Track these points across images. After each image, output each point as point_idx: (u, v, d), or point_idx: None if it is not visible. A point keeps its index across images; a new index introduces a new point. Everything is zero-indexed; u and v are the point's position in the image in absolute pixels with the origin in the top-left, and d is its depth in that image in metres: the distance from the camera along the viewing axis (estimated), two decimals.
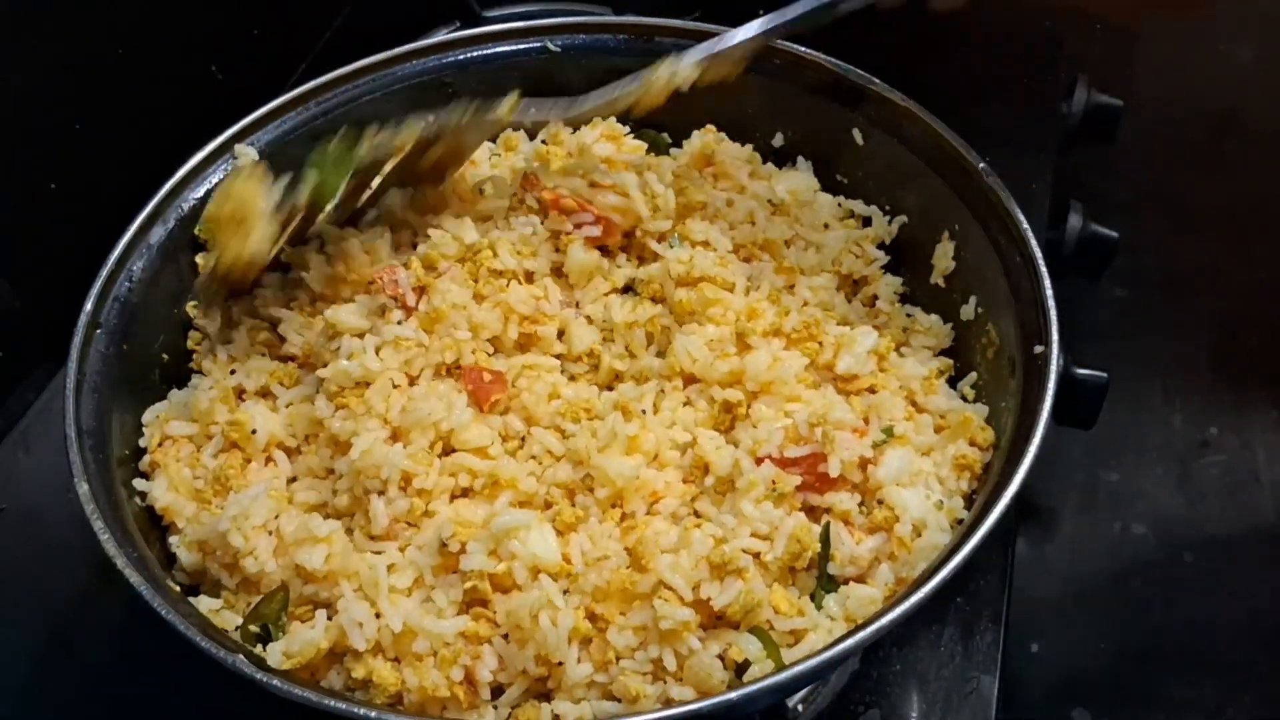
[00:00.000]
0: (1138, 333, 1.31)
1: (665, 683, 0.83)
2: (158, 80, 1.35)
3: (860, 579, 0.89)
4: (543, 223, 1.04)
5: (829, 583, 0.89)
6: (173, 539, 0.94)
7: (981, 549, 0.82)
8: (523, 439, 0.95)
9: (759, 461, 0.90)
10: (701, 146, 1.12)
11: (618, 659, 0.83)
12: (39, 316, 1.04)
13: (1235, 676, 1.06)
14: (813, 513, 0.90)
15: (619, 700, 0.83)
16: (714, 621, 0.86)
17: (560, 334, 1.01)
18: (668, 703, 0.82)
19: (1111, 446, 1.19)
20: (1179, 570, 1.13)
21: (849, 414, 0.93)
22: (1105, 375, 1.02)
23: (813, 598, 0.88)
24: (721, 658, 0.83)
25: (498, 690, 0.86)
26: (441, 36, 1.21)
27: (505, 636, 0.85)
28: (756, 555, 0.87)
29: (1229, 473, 1.19)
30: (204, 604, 0.89)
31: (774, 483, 0.89)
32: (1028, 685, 1.04)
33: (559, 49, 1.17)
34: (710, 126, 1.16)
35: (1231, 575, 1.12)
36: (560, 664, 0.83)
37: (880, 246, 1.09)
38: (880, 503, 0.90)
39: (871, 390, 0.98)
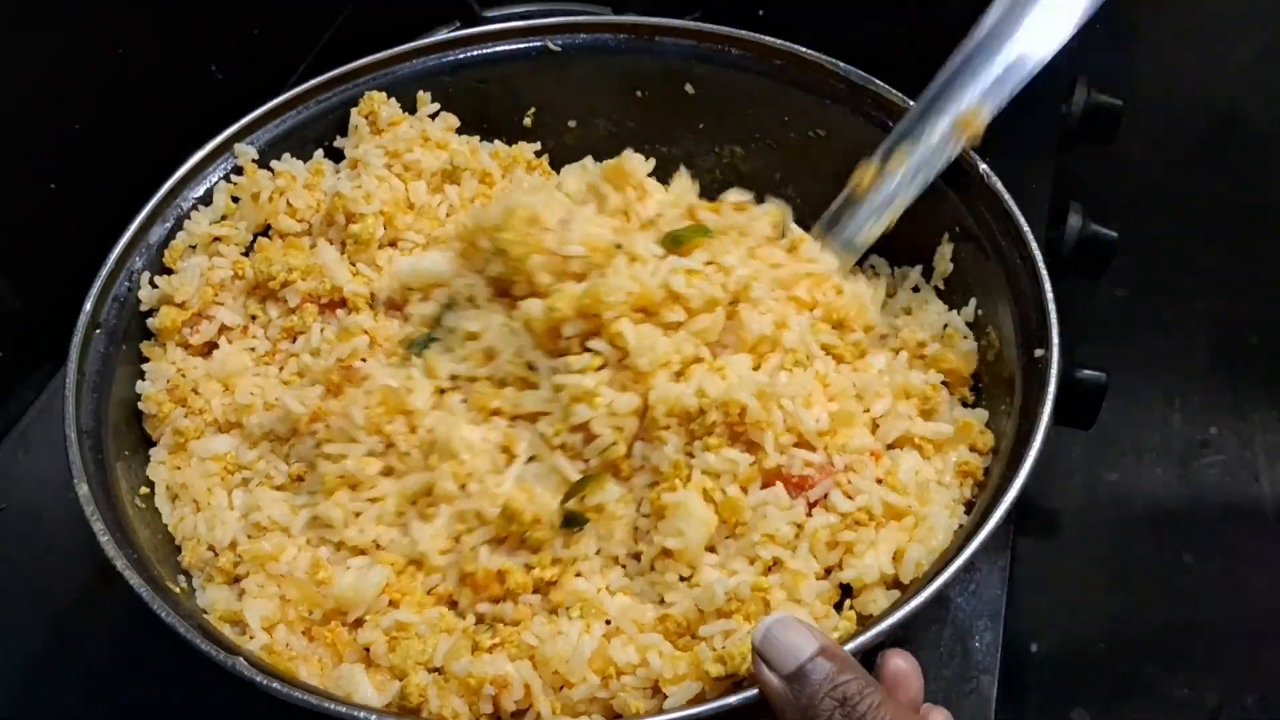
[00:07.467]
0: (1138, 333, 1.31)
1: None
2: (158, 80, 1.34)
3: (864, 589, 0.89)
4: None
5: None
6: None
7: (981, 550, 0.82)
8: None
9: (771, 482, 0.90)
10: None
11: (619, 674, 0.83)
12: (39, 316, 1.04)
13: (1235, 676, 1.06)
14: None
15: (620, 716, 0.82)
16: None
17: None
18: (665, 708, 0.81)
19: (1111, 446, 1.19)
20: (1179, 570, 1.13)
21: (868, 439, 0.92)
22: (1105, 375, 1.01)
23: (837, 608, 0.88)
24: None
25: None
26: (441, 36, 1.21)
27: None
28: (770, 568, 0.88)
29: (1229, 473, 1.19)
30: (205, 598, 0.90)
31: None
32: (1028, 685, 1.04)
33: (559, 49, 1.17)
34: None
35: (1231, 575, 1.12)
36: (563, 688, 0.84)
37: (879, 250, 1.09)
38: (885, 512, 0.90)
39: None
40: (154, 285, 1.04)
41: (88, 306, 0.99)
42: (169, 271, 1.06)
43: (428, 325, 1.01)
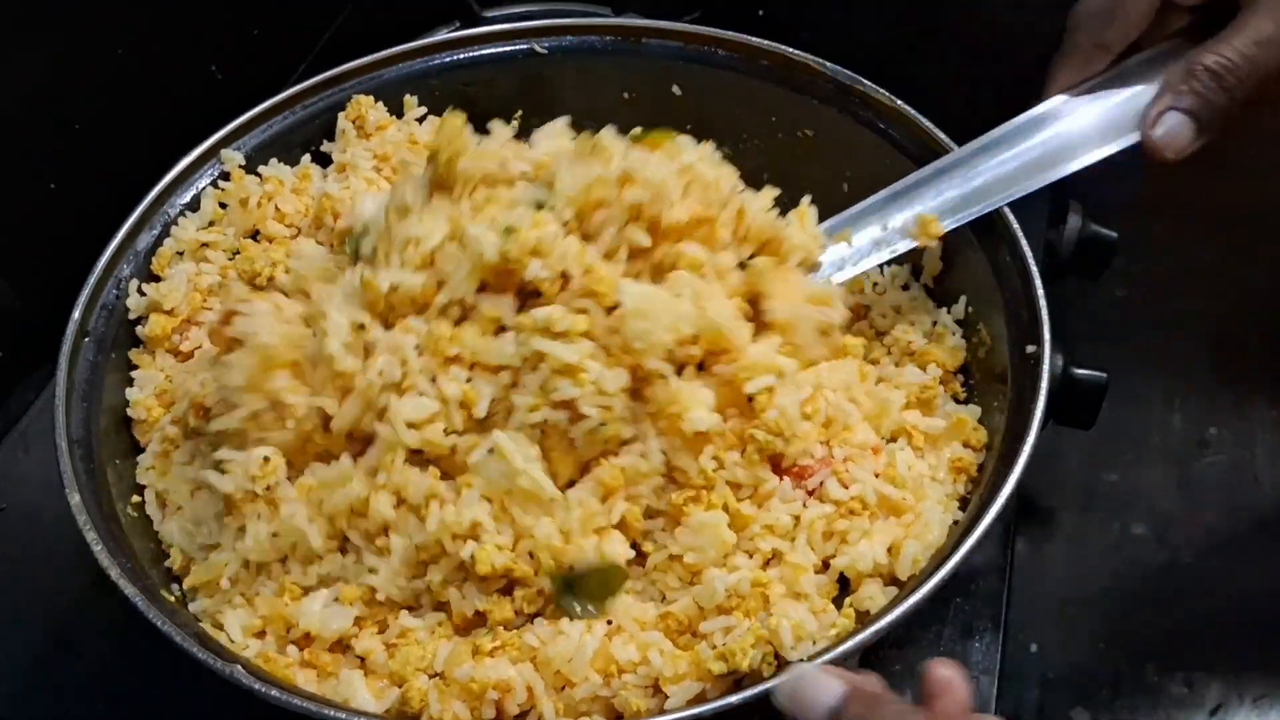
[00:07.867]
0: (1138, 333, 1.31)
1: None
2: (158, 80, 1.35)
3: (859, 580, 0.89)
4: None
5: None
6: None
7: (981, 549, 0.82)
8: None
9: (779, 474, 0.89)
10: None
11: (620, 672, 0.83)
12: (39, 316, 1.04)
13: (1235, 676, 1.06)
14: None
15: (620, 715, 0.82)
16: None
17: None
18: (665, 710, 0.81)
19: (1111, 446, 1.19)
20: (1179, 570, 1.13)
21: (870, 434, 0.92)
22: (1105, 375, 1.01)
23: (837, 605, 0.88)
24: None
25: None
26: (427, 39, 1.21)
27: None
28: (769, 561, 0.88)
29: (1229, 473, 1.19)
30: (196, 606, 0.90)
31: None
32: (1027, 685, 1.04)
33: (545, 51, 1.17)
34: None
35: (1231, 575, 1.12)
36: (564, 688, 0.83)
37: None
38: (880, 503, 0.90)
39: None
40: (142, 293, 1.04)
41: (76, 315, 0.99)
42: (157, 278, 1.05)
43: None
